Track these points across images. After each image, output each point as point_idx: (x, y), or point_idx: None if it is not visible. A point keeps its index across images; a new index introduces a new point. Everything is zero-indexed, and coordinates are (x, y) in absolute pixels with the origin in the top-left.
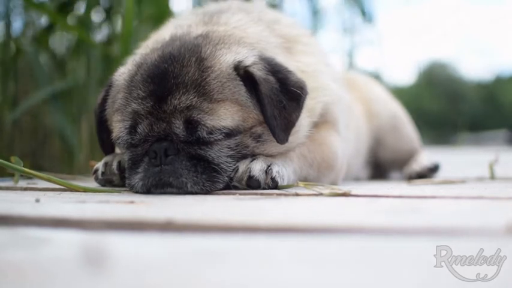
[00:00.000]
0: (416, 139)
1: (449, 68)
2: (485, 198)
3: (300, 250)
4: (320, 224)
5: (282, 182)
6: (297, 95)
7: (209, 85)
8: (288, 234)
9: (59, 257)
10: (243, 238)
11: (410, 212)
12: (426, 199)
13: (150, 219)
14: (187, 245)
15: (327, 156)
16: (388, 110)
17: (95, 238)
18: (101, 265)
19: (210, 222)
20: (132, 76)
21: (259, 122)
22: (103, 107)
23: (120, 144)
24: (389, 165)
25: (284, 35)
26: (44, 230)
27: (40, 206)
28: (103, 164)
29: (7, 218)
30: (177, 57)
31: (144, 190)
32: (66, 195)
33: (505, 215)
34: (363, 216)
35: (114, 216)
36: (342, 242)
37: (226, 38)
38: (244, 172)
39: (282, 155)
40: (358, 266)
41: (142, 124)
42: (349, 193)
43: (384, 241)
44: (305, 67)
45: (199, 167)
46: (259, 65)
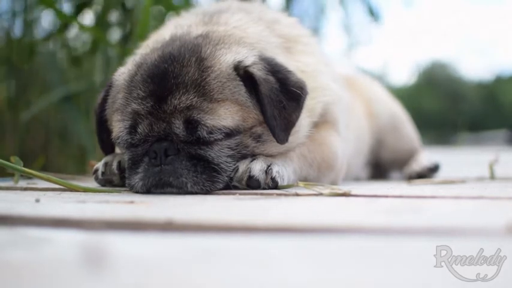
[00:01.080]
0: (416, 139)
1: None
2: (485, 198)
3: (300, 250)
4: (320, 224)
5: (282, 182)
6: (297, 95)
7: (209, 85)
8: (288, 234)
9: (59, 257)
10: (243, 238)
11: (410, 212)
12: (426, 199)
13: (150, 219)
14: (187, 245)
15: (327, 156)
16: (388, 110)
17: (95, 238)
18: (101, 265)
19: (210, 222)
20: (132, 76)
21: (259, 122)
22: (103, 107)
23: (120, 144)
24: (389, 165)
25: (284, 35)
26: (44, 230)
27: (40, 206)
28: (103, 164)
29: (7, 218)
30: (177, 57)
31: (144, 190)
32: (66, 195)
33: (505, 215)
34: (363, 216)
35: (114, 216)
36: (342, 242)
37: (226, 38)
38: (244, 172)
39: (282, 155)
40: (358, 266)
41: (142, 124)
42: (349, 193)
43: (383, 241)
44: (305, 67)
45: (199, 167)
46: (259, 65)
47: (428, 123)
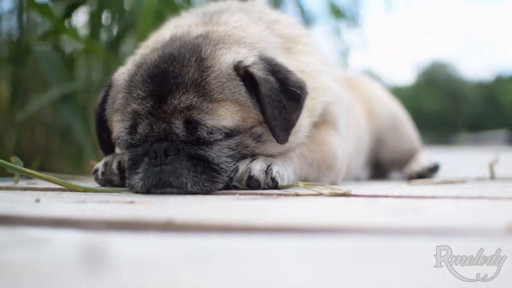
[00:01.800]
0: (416, 139)
1: (449, 68)
2: (485, 198)
3: (300, 250)
4: (320, 224)
5: (282, 182)
6: (297, 95)
7: (209, 85)
8: (288, 234)
9: (59, 257)
10: (243, 238)
11: (410, 212)
12: (426, 199)
13: (150, 219)
14: (187, 245)
15: (327, 156)
16: (388, 110)
17: (94, 238)
18: (101, 265)
19: (210, 222)
20: (132, 76)
21: (259, 122)
22: (103, 107)
23: (120, 144)
24: (389, 165)
25: (284, 35)
26: (44, 230)
27: (40, 206)
28: (103, 164)
29: (7, 218)
30: (177, 57)
31: (144, 190)
32: (66, 195)
33: (505, 215)
34: (363, 216)
35: (114, 216)
36: (342, 242)
37: (226, 38)
38: (244, 172)
39: (282, 155)
40: (358, 266)
41: (142, 124)
42: (349, 193)
43: (383, 241)
44: (305, 67)
45: (199, 167)
46: (259, 65)
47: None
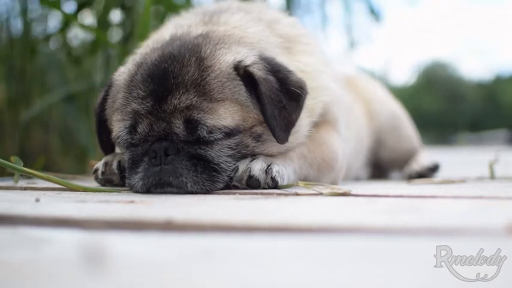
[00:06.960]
0: (416, 139)
1: (449, 68)
2: (485, 198)
3: (300, 250)
4: (320, 223)
5: (282, 182)
6: (297, 95)
7: (209, 85)
8: (288, 234)
9: (59, 256)
10: (243, 238)
11: (410, 212)
12: (426, 199)
13: (150, 219)
14: (187, 245)
15: (327, 156)
16: (388, 110)
17: (95, 238)
18: (101, 265)
19: (210, 222)
20: (132, 76)
21: (259, 122)
22: (103, 106)
23: (120, 144)
24: (389, 165)
25: (284, 35)
26: (44, 229)
27: (40, 205)
28: (103, 163)
29: (7, 218)
30: (177, 57)
31: (144, 190)
32: (66, 195)
33: (505, 215)
34: (363, 216)
35: (114, 216)
36: (342, 242)
37: (226, 37)
38: (244, 172)
39: (282, 154)
40: (358, 265)
41: (142, 124)
42: (349, 193)
43: (383, 241)
44: (305, 67)
45: (199, 167)
46: (259, 64)
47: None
